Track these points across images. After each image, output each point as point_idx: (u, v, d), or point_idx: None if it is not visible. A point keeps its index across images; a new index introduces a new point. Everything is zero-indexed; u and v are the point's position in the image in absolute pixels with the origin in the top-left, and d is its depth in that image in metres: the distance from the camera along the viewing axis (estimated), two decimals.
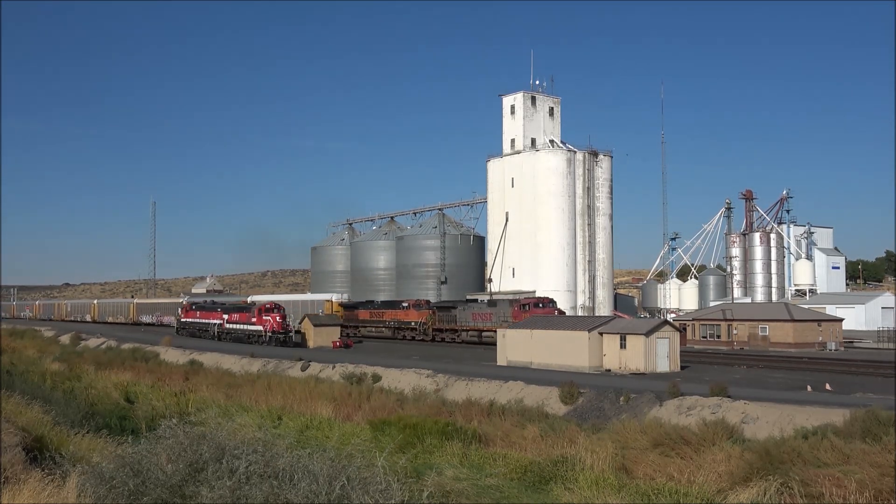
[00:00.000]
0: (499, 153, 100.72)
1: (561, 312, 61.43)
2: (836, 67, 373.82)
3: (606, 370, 45.14)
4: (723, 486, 21.59)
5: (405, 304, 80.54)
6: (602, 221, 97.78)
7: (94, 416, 33.65)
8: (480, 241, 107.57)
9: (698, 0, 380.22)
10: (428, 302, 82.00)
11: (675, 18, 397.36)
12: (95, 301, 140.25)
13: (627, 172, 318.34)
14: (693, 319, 73.06)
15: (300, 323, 72.69)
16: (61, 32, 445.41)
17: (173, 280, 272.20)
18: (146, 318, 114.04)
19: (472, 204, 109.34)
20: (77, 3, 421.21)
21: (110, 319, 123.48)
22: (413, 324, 77.00)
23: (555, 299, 70.79)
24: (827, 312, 75.43)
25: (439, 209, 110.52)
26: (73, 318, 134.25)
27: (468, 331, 70.80)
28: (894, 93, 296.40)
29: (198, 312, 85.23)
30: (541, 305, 65.19)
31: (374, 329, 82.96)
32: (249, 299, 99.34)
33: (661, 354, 44.87)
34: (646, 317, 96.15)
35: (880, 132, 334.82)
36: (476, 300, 79.00)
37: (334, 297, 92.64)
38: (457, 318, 72.50)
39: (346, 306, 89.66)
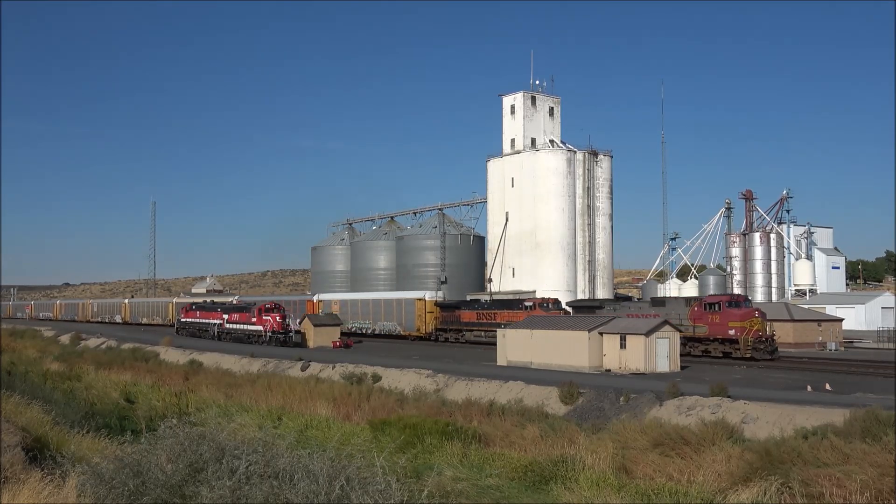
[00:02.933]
0: (499, 153, 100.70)
1: (762, 314, 51.50)
2: (837, 67, 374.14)
3: (606, 370, 45.14)
4: (723, 486, 21.59)
5: (528, 304, 66.56)
6: (602, 221, 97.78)
7: (94, 416, 33.62)
8: (480, 241, 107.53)
9: (698, 0, 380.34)
10: (556, 301, 68.57)
11: (675, 18, 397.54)
12: (127, 301, 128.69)
13: (627, 172, 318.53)
14: None
15: (300, 323, 72.72)
16: (61, 32, 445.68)
17: (173, 280, 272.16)
18: None
19: (472, 204, 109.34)
20: (77, 2, 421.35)
21: (145, 321, 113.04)
22: None
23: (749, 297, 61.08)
24: (827, 312, 75.38)
25: (439, 209, 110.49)
26: (100, 320, 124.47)
27: None
28: (894, 93, 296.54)
29: (198, 312, 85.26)
30: (734, 305, 51.93)
31: (483, 333, 68.53)
32: (317, 298, 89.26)
33: (661, 354, 44.87)
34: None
35: (880, 132, 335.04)
36: (629, 297, 62.33)
37: (427, 295, 79.08)
38: None
39: (443, 306, 76.73)
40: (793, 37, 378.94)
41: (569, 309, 66.36)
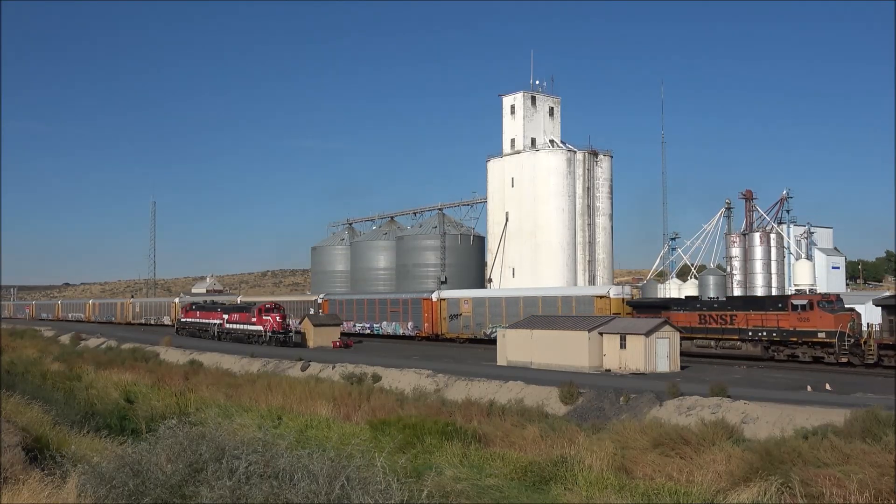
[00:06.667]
0: (499, 153, 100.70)
1: None
2: (837, 67, 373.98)
3: (606, 370, 45.16)
4: (723, 486, 21.59)
5: (798, 304, 47.45)
6: (602, 221, 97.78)
7: (94, 416, 33.64)
8: (480, 241, 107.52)
9: (698, 0, 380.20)
10: (838, 297, 49.42)
11: (675, 19, 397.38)
12: (177, 300, 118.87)
13: (627, 172, 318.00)
14: None
15: (300, 323, 72.69)
16: (61, 31, 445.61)
17: (173, 280, 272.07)
18: None
19: (472, 204, 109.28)
20: (77, 2, 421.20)
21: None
22: (821, 335, 45.61)
23: None
24: None
25: (439, 209, 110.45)
26: (143, 321, 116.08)
27: None
28: (894, 93, 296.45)
29: (198, 312, 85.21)
30: None
31: (713, 343, 50.82)
32: (436, 296, 74.65)
33: (661, 354, 44.87)
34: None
35: (880, 132, 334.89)
36: None
37: (612, 291, 61.25)
38: None
39: (640, 306, 58.76)
40: (793, 36, 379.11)
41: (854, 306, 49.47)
